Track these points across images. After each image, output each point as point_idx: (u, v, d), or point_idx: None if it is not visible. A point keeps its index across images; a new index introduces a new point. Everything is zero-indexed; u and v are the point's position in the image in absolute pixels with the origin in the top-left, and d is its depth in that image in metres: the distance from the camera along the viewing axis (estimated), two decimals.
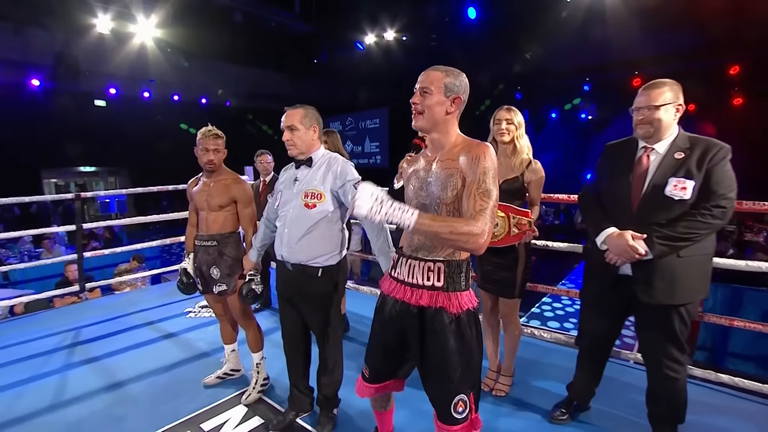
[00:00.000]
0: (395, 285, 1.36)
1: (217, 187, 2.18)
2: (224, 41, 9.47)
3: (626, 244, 1.61)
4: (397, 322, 1.35)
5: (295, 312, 1.95)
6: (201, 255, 2.23)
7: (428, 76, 1.29)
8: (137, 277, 4.61)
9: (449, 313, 1.26)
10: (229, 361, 2.48)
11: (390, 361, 1.44)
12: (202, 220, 2.23)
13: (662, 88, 1.63)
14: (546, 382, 2.36)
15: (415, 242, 1.33)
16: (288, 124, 1.82)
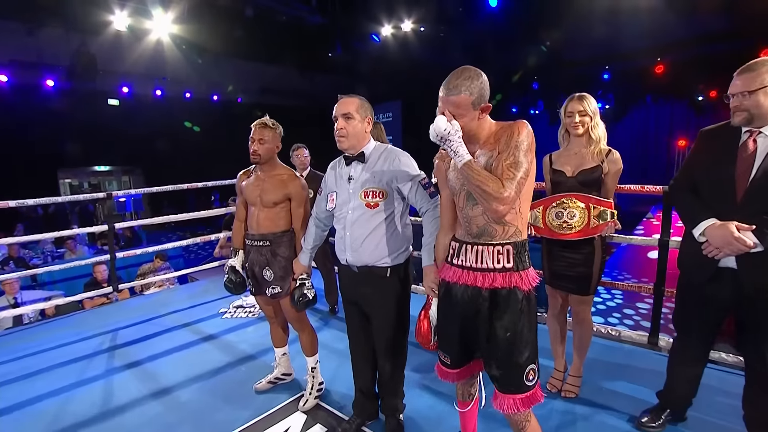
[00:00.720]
0: (461, 272, 1.39)
1: (272, 182, 2.06)
2: (237, 36, 9.34)
3: (731, 235, 1.46)
4: (469, 306, 1.38)
5: (362, 315, 1.83)
6: (253, 255, 2.11)
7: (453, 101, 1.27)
8: (167, 278, 4.53)
9: (521, 290, 1.32)
10: (281, 365, 2.37)
11: (468, 343, 1.46)
12: (252, 217, 2.11)
13: (759, 69, 1.46)
14: (617, 384, 2.22)
15: (475, 229, 1.36)
16: (344, 111, 1.66)
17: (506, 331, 1.33)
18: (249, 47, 9.97)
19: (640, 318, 4.65)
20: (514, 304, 1.32)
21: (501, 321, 1.33)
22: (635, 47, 9.66)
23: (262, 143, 2.03)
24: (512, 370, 1.35)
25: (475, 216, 1.34)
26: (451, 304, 1.44)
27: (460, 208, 1.40)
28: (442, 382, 1.77)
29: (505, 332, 1.33)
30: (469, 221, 1.37)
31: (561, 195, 1.95)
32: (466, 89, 1.26)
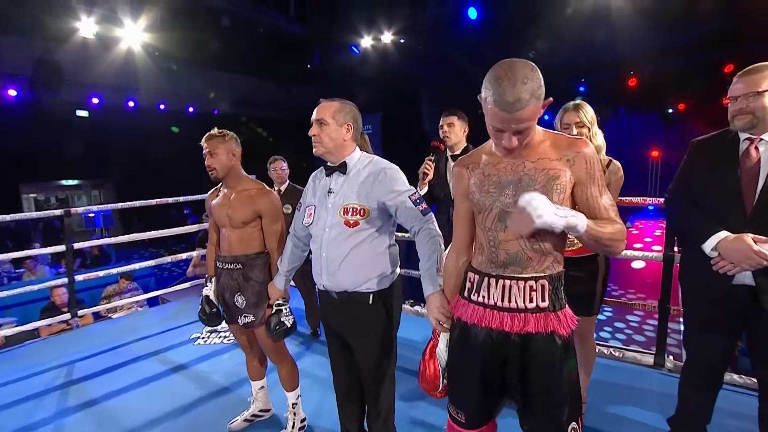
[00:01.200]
0: (483, 312, 1.16)
1: (239, 199, 1.84)
2: (214, 46, 9.11)
3: (749, 249, 1.34)
4: (493, 354, 1.16)
5: (345, 347, 1.62)
6: (224, 279, 1.89)
7: (520, 117, 1.00)
8: (135, 300, 4.20)
9: (560, 335, 1.11)
10: (258, 399, 2.13)
11: (490, 399, 1.23)
12: (224, 239, 1.90)
13: (763, 72, 1.38)
14: (623, 408, 2.08)
15: (503, 257, 1.12)
16: (317, 117, 1.49)
17: (542, 384, 1.12)
18: (225, 58, 9.75)
19: (632, 332, 4.58)
20: (551, 353, 1.10)
21: (536, 375, 1.12)
22: (609, 60, 9.90)
23: (213, 156, 1.82)
24: (551, 428, 1.15)
25: (507, 241, 1.12)
26: (469, 350, 1.19)
27: (487, 228, 1.16)
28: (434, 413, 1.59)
29: (541, 385, 1.13)
30: (496, 246, 1.13)
31: None
32: (532, 95, 0.99)
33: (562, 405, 1.13)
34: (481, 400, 1.22)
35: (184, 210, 13.96)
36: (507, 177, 1.13)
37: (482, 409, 1.24)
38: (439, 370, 1.27)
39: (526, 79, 0.98)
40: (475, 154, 1.24)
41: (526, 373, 1.13)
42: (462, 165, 1.25)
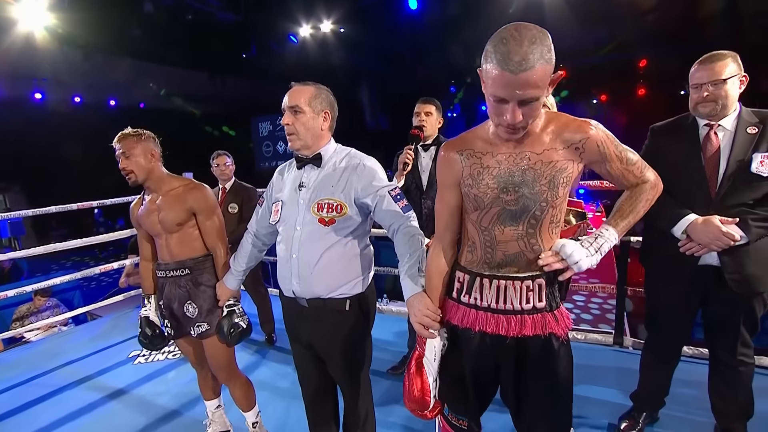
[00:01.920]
0: (476, 314, 1.08)
1: (166, 200, 1.63)
2: (137, 32, 8.26)
3: (718, 230, 1.41)
4: (489, 359, 1.09)
5: (317, 358, 1.49)
6: (170, 289, 1.67)
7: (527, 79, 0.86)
8: (56, 320, 3.67)
9: (558, 336, 1.05)
10: (215, 421, 1.93)
11: (488, 401, 1.19)
12: (162, 248, 1.67)
13: (725, 59, 1.45)
14: (588, 389, 2.14)
15: (500, 257, 1.04)
16: (291, 103, 1.33)
17: (539, 387, 1.07)
18: (151, 46, 8.88)
19: (579, 311, 4.87)
20: (549, 355, 1.04)
21: (534, 379, 1.07)
22: None
23: (128, 158, 1.59)
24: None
25: (505, 242, 1.03)
26: (462, 356, 1.12)
27: (483, 228, 1.05)
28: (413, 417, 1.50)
29: (538, 388, 1.07)
30: (493, 247, 1.04)
31: None
32: (541, 57, 0.85)
33: (561, 410, 1.08)
34: (482, 405, 1.18)
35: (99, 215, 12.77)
36: (511, 169, 1.00)
37: (482, 410, 1.20)
38: (428, 384, 1.11)
39: (535, 39, 0.86)
40: (468, 138, 1.09)
41: (524, 378, 1.07)
42: (453, 149, 1.09)
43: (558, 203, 1.00)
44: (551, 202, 0.99)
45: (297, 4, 8.48)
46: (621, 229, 1.03)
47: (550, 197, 0.99)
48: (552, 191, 0.98)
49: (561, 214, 1.03)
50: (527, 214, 1.00)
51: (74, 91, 11.24)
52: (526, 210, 1.00)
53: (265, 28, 9.22)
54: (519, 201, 1.00)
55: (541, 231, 1.01)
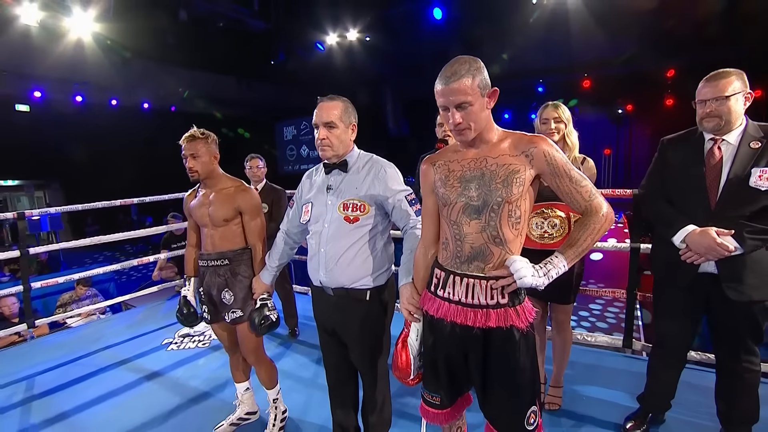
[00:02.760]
0: (448, 306, 1.23)
1: (218, 198, 1.83)
2: (170, 39, 8.68)
3: (713, 241, 1.49)
4: (458, 345, 1.24)
5: (340, 344, 1.63)
6: (210, 277, 1.86)
7: (457, 88, 1.12)
8: (95, 307, 3.95)
9: (518, 329, 1.18)
10: (243, 402, 2.09)
11: (457, 382, 1.33)
12: (207, 238, 1.86)
13: (729, 77, 1.53)
14: (596, 390, 2.22)
15: (468, 250, 1.20)
16: (326, 120, 1.49)
17: (502, 373, 1.20)
18: (183, 52, 9.32)
19: (595, 319, 4.87)
20: (510, 344, 1.18)
21: (497, 364, 1.20)
22: (566, 62, 10.41)
23: (195, 158, 1.79)
24: (512, 415, 1.22)
25: (471, 234, 1.19)
26: (436, 342, 1.28)
27: (452, 222, 1.22)
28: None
29: (502, 375, 1.20)
30: (461, 240, 1.20)
31: (541, 204, 1.91)
32: (467, 72, 1.12)
33: (522, 392, 1.20)
34: (452, 384, 1.31)
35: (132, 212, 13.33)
36: (471, 172, 1.20)
37: (453, 391, 1.33)
38: (410, 359, 1.32)
39: (465, 62, 1.14)
40: (441, 152, 1.32)
41: (487, 363, 1.21)
42: (428, 162, 1.32)
43: (513, 199, 1.15)
44: (506, 198, 1.15)
45: (324, 14, 8.75)
46: (569, 257, 1.13)
47: (504, 194, 1.15)
48: (506, 188, 1.15)
49: (519, 211, 1.17)
50: (487, 208, 1.17)
51: (111, 94, 11.84)
52: (485, 205, 1.17)
53: (293, 35, 9.53)
54: (479, 197, 1.18)
55: (500, 224, 1.16)
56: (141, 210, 13.13)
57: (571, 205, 1.20)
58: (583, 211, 1.17)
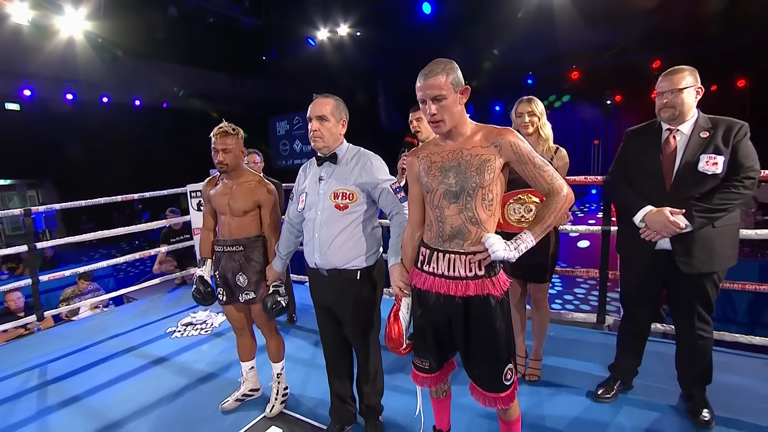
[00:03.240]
0: (433, 279, 1.40)
1: (240, 190, 1.99)
2: (161, 36, 8.71)
3: (667, 219, 1.68)
4: (442, 313, 1.41)
5: (335, 320, 1.80)
6: (225, 262, 2.03)
7: (433, 83, 1.30)
8: (98, 300, 4.08)
9: (494, 296, 1.34)
10: (248, 380, 2.26)
11: (443, 348, 1.50)
12: (224, 225, 2.04)
13: (683, 72, 1.72)
14: (572, 363, 2.41)
15: (448, 230, 1.37)
16: (318, 113, 1.65)
17: (482, 336, 1.37)
18: (175, 49, 9.34)
19: (579, 302, 5.09)
20: (487, 310, 1.35)
21: (476, 327, 1.37)
22: (554, 55, 10.57)
23: (227, 152, 1.95)
24: (491, 372, 1.40)
25: (451, 215, 1.35)
26: (424, 312, 1.45)
27: (435, 206, 1.39)
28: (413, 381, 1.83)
29: (481, 337, 1.37)
30: (443, 221, 1.37)
31: (518, 191, 2.08)
32: (442, 71, 1.30)
33: (499, 351, 1.38)
34: (439, 350, 1.48)
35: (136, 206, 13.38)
36: (449, 162, 1.37)
37: (440, 356, 1.50)
38: (402, 330, 1.50)
39: (440, 62, 1.32)
40: (424, 146, 1.49)
41: (469, 327, 1.38)
42: (413, 154, 1.49)
43: (486, 185, 1.33)
44: (480, 184, 1.32)
45: (315, 9, 8.82)
46: (536, 233, 1.30)
47: (478, 180, 1.32)
48: (479, 176, 1.32)
49: (491, 194, 1.34)
50: (464, 193, 1.34)
51: (102, 91, 11.81)
52: (462, 190, 1.34)
53: (284, 31, 9.59)
54: (457, 183, 1.34)
55: (475, 206, 1.33)
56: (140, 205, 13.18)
57: (536, 187, 1.37)
58: (546, 193, 1.34)
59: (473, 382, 1.46)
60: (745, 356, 2.37)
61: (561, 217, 1.36)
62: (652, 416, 1.93)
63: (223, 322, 3.35)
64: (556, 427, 1.90)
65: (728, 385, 2.07)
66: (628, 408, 2.00)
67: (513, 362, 1.42)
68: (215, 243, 2.07)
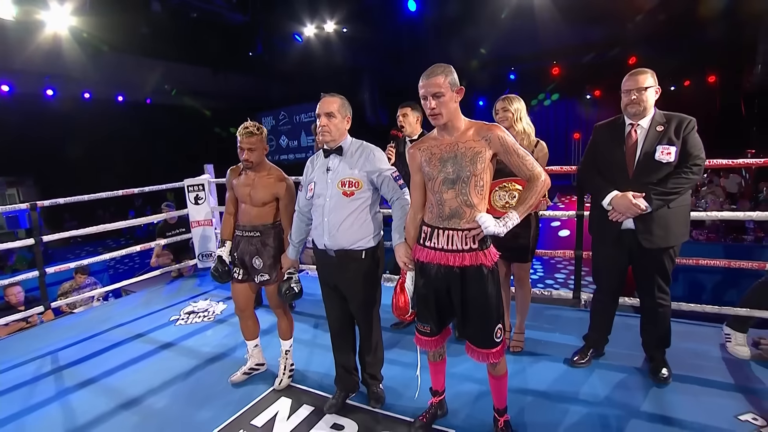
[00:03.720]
0: (434, 253, 1.64)
1: (261, 182, 2.19)
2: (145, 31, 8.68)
3: (630, 202, 1.93)
4: (442, 282, 1.64)
5: (341, 297, 2.00)
6: (243, 245, 2.23)
7: (433, 82, 1.53)
8: (98, 293, 4.18)
9: (486, 266, 1.59)
10: (253, 356, 2.45)
11: (443, 313, 1.73)
12: (244, 213, 2.23)
13: (645, 74, 1.97)
14: (552, 336, 2.66)
15: (447, 211, 1.60)
16: (327, 110, 1.85)
17: (476, 299, 1.60)
18: (160, 45, 9.30)
19: (559, 287, 5.40)
20: (480, 277, 1.58)
21: (471, 292, 1.60)
22: (536, 51, 10.89)
23: (252, 151, 2.13)
24: (483, 331, 1.64)
25: (449, 199, 1.59)
26: (426, 281, 1.67)
27: (435, 191, 1.62)
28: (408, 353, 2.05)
29: (475, 301, 1.60)
30: (442, 204, 1.60)
31: (503, 180, 2.29)
32: (441, 72, 1.53)
33: (490, 312, 1.61)
34: (439, 315, 1.71)
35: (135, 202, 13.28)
36: (447, 154, 1.60)
37: (440, 321, 1.73)
38: (408, 299, 1.72)
39: (440, 66, 1.55)
40: (424, 139, 1.71)
41: (465, 292, 1.61)
42: (415, 147, 1.71)
43: (478, 173, 1.56)
44: (473, 172, 1.56)
45: (302, 6, 8.92)
46: (520, 212, 1.54)
47: (472, 169, 1.55)
48: (473, 165, 1.55)
49: (482, 181, 1.58)
50: (460, 180, 1.57)
51: (83, 88, 11.63)
52: (458, 177, 1.57)
53: (271, 27, 9.65)
54: (454, 172, 1.57)
55: (470, 192, 1.57)
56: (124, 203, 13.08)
57: (519, 174, 1.61)
58: (528, 179, 1.59)
59: (468, 342, 1.69)
60: (701, 326, 2.67)
61: (539, 199, 1.60)
62: (620, 377, 2.20)
63: (225, 310, 3.51)
64: (538, 389, 2.15)
65: (685, 350, 2.35)
66: (600, 371, 2.26)
67: (502, 323, 1.66)
68: (236, 227, 2.27)
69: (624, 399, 2.02)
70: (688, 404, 1.95)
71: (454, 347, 2.50)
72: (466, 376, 2.26)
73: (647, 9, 8.75)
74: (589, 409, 1.96)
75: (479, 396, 2.09)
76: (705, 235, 6.01)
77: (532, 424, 1.89)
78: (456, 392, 2.11)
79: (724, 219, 2.51)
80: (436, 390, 1.93)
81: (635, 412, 1.92)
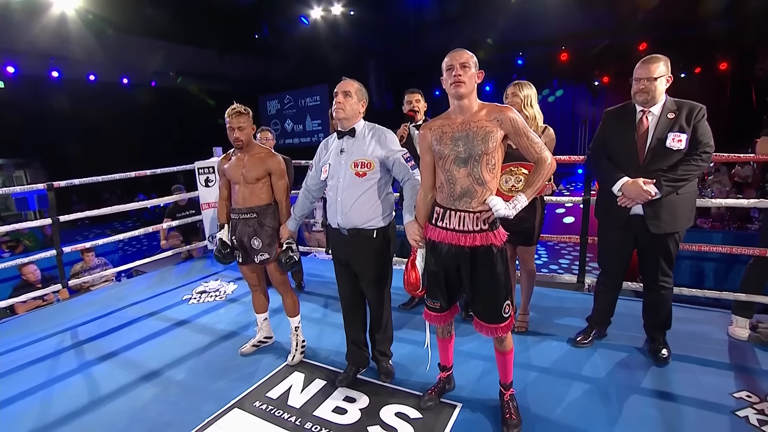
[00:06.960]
0: (445, 233, 1.69)
1: (252, 160, 2.25)
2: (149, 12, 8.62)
3: (640, 188, 1.97)
4: (453, 261, 1.71)
5: (352, 274, 2.08)
6: (241, 227, 2.28)
7: (462, 54, 1.61)
8: (110, 273, 4.29)
9: (495, 246, 1.65)
10: (262, 329, 2.57)
11: (452, 290, 1.80)
12: (238, 194, 2.29)
13: (658, 63, 1.98)
14: (555, 317, 2.74)
15: (458, 190, 1.65)
16: (345, 89, 1.92)
17: (485, 277, 1.66)
18: (165, 26, 9.24)
19: (563, 272, 5.47)
20: (490, 256, 1.64)
21: (481, 270, 1.66)
22: (544, 36, 10.74)
23: (241, 130, 2.21)
24: (493, 307, 1.70)
25: (461, 178, 1.63)
26: (437, 260, 1.73)
27: (447, 170, 1.66)
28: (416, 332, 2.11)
29: (485, 278, 1.67)
30: (454, 183, 1.64)
31: (510, 164, 2.34)
32: (468, 53, 1.62)
33: (500, 289, 1.68)
34: (448, 292, 1.78)
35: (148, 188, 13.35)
36: (458, 133, 1.63)
37: (449, 298, 1.80)
38: (419, 275, 1.79)
39: (466, 50, 1.63)
40: (436, 120, 1.74)
41: (474, 271, 1.68)
42: (426, 127, 1.74)
43: (489, 152, 1.60)
44: (485, 151, 1.59)
45: None
46: (528, 194, 1.59)
47: (483, 148, 1.59)
48: (484, 144, 1.59)
49: (494, 160, 1.62)
50: (471, 158, 1.61)
51: (89, 69, 11.60)
52: (470, 156, 1.61)
53: (277, 10, 9.55)
54: (466, 151, 1.61)
55: (481, 170, 1.61)
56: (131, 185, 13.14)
57: (527, 156, 1.65)
58: (535, 161, 1.63)
59: (477, 318, 1.76)
60: (701, 310, 2.74)
61: (545, 182, 1.65)
62: (621, 356, 2.28)
63: (236, 290, 3.61)
64: (542, 366, 2.23)
65: (685, 332, 2.43)
66: (602, 350, 2.34)
67: (510, 299, 1.73)
68: (231, 211, 2.34)
69: (624, 376, 2.10)
70: (685, 382, 2.03)
71: (461, 327, 2.58)
72: (473, 354, 2.35)
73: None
74: (590, 385, 2.04)
75: (485, 372, 2.18)
76: (710, 224, 6.03)
77: (535, 398, 1.97)
78: (463, 369, 2.19)
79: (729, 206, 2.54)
80: (444, 365, 2.02)
81: (635, 389, 2.00)
